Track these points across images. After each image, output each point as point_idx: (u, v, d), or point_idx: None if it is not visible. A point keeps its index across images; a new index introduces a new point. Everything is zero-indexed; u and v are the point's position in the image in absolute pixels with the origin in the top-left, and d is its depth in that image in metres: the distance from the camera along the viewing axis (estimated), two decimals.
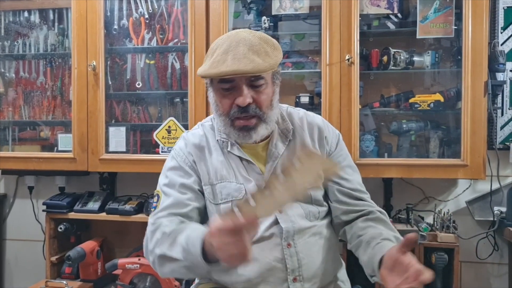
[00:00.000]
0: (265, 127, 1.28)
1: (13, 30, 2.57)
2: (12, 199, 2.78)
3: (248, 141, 1.29)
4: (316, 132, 1.39)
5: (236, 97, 1.24)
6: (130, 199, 2.44)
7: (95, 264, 2.36)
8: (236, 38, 1.25)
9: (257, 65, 1.20)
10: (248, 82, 1.24)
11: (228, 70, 1.19)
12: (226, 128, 1.30)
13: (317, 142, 1.38)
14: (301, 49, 2.33)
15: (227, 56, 1.21)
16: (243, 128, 1.27)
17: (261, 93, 1.26)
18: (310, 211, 1.33)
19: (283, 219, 1.29)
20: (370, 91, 2.29)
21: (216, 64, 1.21)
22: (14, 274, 2.80)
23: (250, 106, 1.24)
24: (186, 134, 1.41)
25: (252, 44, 1.23)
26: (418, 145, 2.24)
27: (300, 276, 1.27)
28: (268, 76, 1.27)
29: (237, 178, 1.32)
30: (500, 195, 2.27)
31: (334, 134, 1.42)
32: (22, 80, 2.57)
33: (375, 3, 2.18)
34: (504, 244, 2.31)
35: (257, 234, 1.26)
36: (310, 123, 1.40)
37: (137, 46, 2.38)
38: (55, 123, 2.54)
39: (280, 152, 1.34)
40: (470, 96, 2.02)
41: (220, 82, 1.25)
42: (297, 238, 1.28)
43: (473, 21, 2.01)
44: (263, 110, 1.27)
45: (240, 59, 1.19)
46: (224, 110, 1.28)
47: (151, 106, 2.45)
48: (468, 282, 2.34)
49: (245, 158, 1.33)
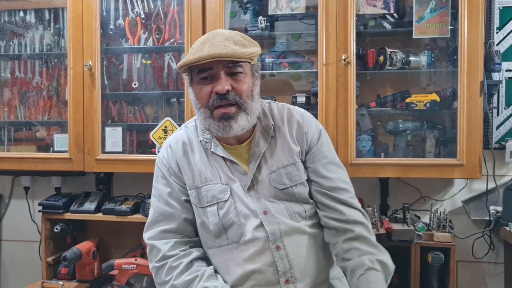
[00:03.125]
0: (245, 117, 1.27)
1: (8, 30, 2.56)
2: (7, 200, 2.77)
3: (229, 132, 1.27)
4: (295, 127, 1.37)
5: (214, 86, 1.25)
6: (127, 199, 2.44)
7: (92, 264, 2.36)
8: (214, 32, 1.30)
9: (234, 50, 1.23)
10: (226, 70, 1.25)
11: (205, 54, 1.21)
12: (206, 120, 1.29)
13: (296, 137, 1.36)
14: (297, 49, 2.33)
15: (204, 46, 1.24)
16: (223, 117, 1.26)
17: (240, 81, 1.27)
18: (295, 211, 1.32)
19: (268, 221, 1.28)
20: (367, 91, 2.29)
21: (193, 53, 1.24)
22: (10, 275, 2.79)
23: (229, 93, 1.25)
24: (169, 139, 1.41)
25: (229, 36, 1.27)
26: (414, 144, 2.25)
27: (293, 277, 1.27)
28: (247, 67, 1.29)
29: (221, 179, 1.32)
30: (496, 194, 2.28)
31: (314, 129, 1.39)
32: (18, 80, 2.56)
33: (371, 3, 2.18)
34: (500, 243, 2.32)
35: (244, 237, 1.28)
36: (290, 118, 1.38)
37: (133, 46, 2.37)
38: (51, 123, 2.53)
39: (262, 150, 1.33)
40: (466, 96, 2.02)
41: (199, 72, 1.27)
42: (286, 240, 1.27)
43: (468, 21, 2.02)
44: (243, 98, 1.27)
45: (217, 46, 1.22)
46: (203, 101, 1.28)
47: (147, 106, 2.44)
48: (464, 282, 2.35)
49: (228, 159, 1.33)
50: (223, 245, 1.31)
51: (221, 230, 1.30)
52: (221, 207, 1.30)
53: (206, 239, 1.34)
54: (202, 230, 1.34)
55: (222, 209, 1.30)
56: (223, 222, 1.29)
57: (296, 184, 1.32)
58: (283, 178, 1.32)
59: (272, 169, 1.32)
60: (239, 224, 1.29)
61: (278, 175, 1.32)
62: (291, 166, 1.33)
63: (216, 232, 1.30)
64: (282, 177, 1.32)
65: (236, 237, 1.29)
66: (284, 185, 1.32)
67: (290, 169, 1.32)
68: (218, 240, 1.31)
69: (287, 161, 1.33)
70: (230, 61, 1.24)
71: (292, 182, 1.32)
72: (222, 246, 1.31)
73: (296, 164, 1.33)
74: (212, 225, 1.31)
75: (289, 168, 1.33)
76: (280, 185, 1.32)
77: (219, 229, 1.30)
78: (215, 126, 1.28)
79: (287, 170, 1.32)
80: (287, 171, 1.32)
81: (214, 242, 1.32)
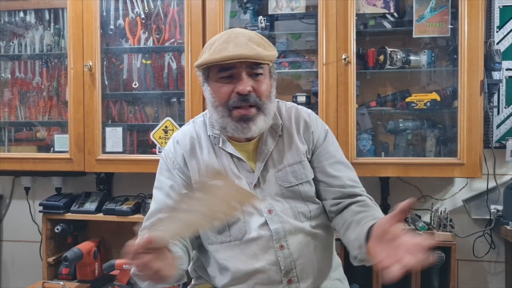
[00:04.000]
0: (263, 119, 1.27)
1: (8, 30, 2.56)
2: (8, 200, 2.77)
3: (247, 134, 1.26)
4: (302, 126, 1.37)
5: (235, 86, 1.24)
6: (127, 199, 2.44)
7: (92, 264, 2.36)
8: (234, 31, 1.28)
9: (259, 52, 1.22)
10: (248, 70, 1.24)
11: (232, 54, 1.20)
12: (224, 120, 1.27)
13: (303, 136, 1.36)
14: (297, 48, 2.33)
15: (228, 45, 1.22)
16: (242, 118, 1.25)
17: (261, 82, 1.26)
18: (299, 211, 1.31)
19: (273, 220, 1.28)
20: (367, 90, 2.29)
21: (218, 51, 1.22)
22: (10, 276, 2.79)
23: (250, 95, 1.24)
24: (177, 134, 1.40)
25: (251, 36, 1.26)
26: (414, 144, 2.25)
27: (295, 277, 1.26)
28: (266, 69, 1.28)
29: (228, 175, 1.31)
30: (496, 193, 2.28)
31: (321, 129, 1.39)
32: (18, 81, 2.56)
33: (371, 3, 2.18)
34: (501, 242, 2.32)
35: (248, 235, 1.27)
36: (297, 117, 1.38)
37: (134, 46, 2.37)
38: (51, 123, 2.53)
39: (270, 148, 1.33)
40: (466, 95, 2.02)
41: (220, 71, 1.25)
42: (290, 239, 1.27)
43: (469, 20, 2.02)
44: (263, 100, 1.26)
45: (242, 46, 1.21)
46: (222, 100, 1.26)
47: (147, 106, 2.44)
48: (465, 280, 2.35)
49: (236, 156, 1.32)
50: (225, 241, 1.30)
51: (224, 226, 1.29)
52: None
53: (208, 235, 1.33)
54: None
55: None
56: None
57: (302, 183, 1.32)
58: (289, 176, 1.31)
59: (278, 168, 1.32)
60: (244, 221, 1.28)
61: (285, 173, 1.32)
62: (297, 165, 1.33)
63: (219, 228, 1.29)
64: (288, 175, 1.32)
65: (240, 234, 1.28)
66: (290, 183, 1.31)
67: (296, 168, 1.32)
68: (221, 236, 1.30)
69: (293, 159, 1.33)
70: (253, 63, 1.23)
71: (298, 180, 1.32)
72: (224, 242, 1.30)
73: (302, 162, 1.33)
74: None
75: (295, 167, 1.32)
76: (286, 183, 1.31)
77: (222, 225, 1.29)
78: (233, 127, 1.26)
79: (293, 168, 1.32)
80: (293, 170, 1.32)
81: (216, 238, 1.31)
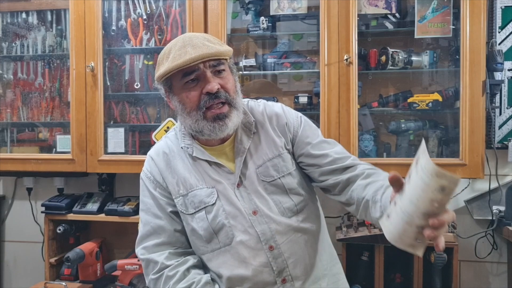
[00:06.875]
0: (236, 114, 1.28)
1: (11, 31, 2.57)
2: (10, 201, 2.78)
3: (224, 131, 1.27)
4: (275, 120, 1.37)
5: (203, 87, 1.25)
6: (129, 200, 2.44)
7: (94, 265, 2.36)
8: (187, 35, 1.30)
9: (218, 49, 1.24)
10: (212, 69, 1.25)
11: (194, 56, 1.21)
12: (199, 123, 1.27)
13: (278, 130, 1.37)
14: (299, 49, 2.34)
15: (186, 49, 1.23)
16: (217, 117, 1.26)
17: (226, 79, 1.28)
18: (285, 206, 1.30)
19: (258, 221, 1.27)
20: (369, 91, 2.29)
21: (178, 57, 1.23)
22: (13, 276, 2.80)
23: (219, 92, 1.25)
24: (151, 152, 1.41)
25: (205, 37, 1.28)
26: (416, 144, 2.24)
27: (289, 276, 1.26)
28: (226, 65, 1.30)
29: (207, 182, 1.31)
30: (498, 194, 2.28)
31: (295, 118, 1.40)
32: (20, 82, 2.57)
33: (373, 3, 2.18)
34: (503, 243, 2.32)
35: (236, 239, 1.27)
36: (269, 112, 1.39)
37: (135, 47, 2.38)
38: (54, 124, 2.53)
39: (246, 146, 1.33)
40: (468, 96, 2.02)
41: (184, 76, 1.25)
42: (279, 239, 1.26)
43: (470, 20, 2.01)
44: (232, 96, 1.28)
45: (200, 47, 1.23)
46: (193, 104, 1.26)
47: (149, 106, 2.45)
48: (467, 281, 2.35)
49: (213, 161, 1.32)
50: (215, 249, 1.30)
51: (211, 235, 1.29)
52: (209, 211, 1.29)
53: (197, 246, 1.33)
54: (193, 237, 1.33)
55: (211, 213, 1.29)
56: (212, 226, 1.28)
57: (284, 175, 1.32)
58: (271, 171, 1.32)
59: (258, 164, 1.32)
60: (229, 225, 1.28)
61: (265, 168, 1.32)
62: (277, 158, 1.33)
63: (207, 237, 1.29)
64: (269, 169, 1.32)
65: (228, 239, 1.28)
66: (272, 177, 1.31)
67: (276, 161, 1.33)
68: (210, 244, 1.30)
69: (272, 154, 1.33)
70: (213, 60, 1.25)
71: (280, 173, 1.32)
72: (215, 250, 1.30)
73: (282, 155, 1.34)
74: (202, 230, 1.29)
75: (275, 160, 1.33)
76: (268, 177, 1.31)
77: (209, 233, 1.29)
78: (209, 127, 1.27)
79: (273, 162, 1.32)
80: (273, 164, 1.32)
81: (206, 247, 1.31)
